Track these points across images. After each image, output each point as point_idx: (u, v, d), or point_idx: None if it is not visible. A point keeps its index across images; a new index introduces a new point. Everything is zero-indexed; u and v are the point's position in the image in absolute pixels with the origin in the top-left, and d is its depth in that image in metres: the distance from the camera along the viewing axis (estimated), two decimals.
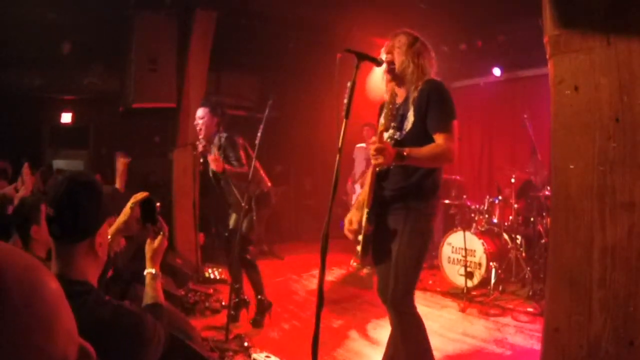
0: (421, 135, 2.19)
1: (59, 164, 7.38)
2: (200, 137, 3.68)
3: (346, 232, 2.41)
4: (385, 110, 2.36)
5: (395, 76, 2.31)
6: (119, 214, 1.65)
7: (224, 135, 3.65)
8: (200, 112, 3.66)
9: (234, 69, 7.78)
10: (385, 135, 2.32)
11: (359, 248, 2.31)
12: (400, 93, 2.36)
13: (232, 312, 3.49)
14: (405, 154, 2.03)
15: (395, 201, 2.30)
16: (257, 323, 3.65)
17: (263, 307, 3.70)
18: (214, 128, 3.66)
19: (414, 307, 2.27)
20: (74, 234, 1.25)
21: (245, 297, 3.82)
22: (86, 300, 1.18)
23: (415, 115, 2.23)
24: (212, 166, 3.44)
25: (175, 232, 5.38)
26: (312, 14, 5.50)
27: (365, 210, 2.30)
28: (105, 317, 1.18)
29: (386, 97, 2.39)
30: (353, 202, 5.00)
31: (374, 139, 2.04)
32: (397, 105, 2.35)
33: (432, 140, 2.17)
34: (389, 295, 2.26)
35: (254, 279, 3.74)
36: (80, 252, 1.25)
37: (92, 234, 1.27)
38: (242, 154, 3.62)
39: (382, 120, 2.32)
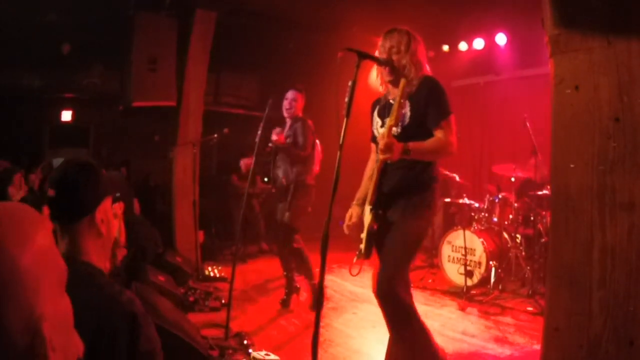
0: (418, 129, 2.26)
1: (59, 163, 7.39)
2: (286, 115, 4.06)
3: (345, 227, 2.42)
4: (378, 108, 2.39)
5: (393, 76, 2.33)
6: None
7: (301, 118, 4.02)
8: (292, 94, 4.05)
9: (233, 69, 7.79)
10: (382, 129, 2.33)
11: (362, 246, 2.32)
12: (395, 91, 2.38)
13: (285, 297, 4.04)
14: (409, 148, 2.09)
15: (393, 195, 2.33)
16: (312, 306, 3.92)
17: (315, 291, 3.91)
18: (300, 111, 4.07)
19: (398, 294, 2.18)
20: (72, 212, 1.28)
21: (296, 284, 4.17)
22: (88, 283, 1.16)
23: (412, 110, 2.27)
24: (274, 137, 3.81)
25: (175, 232, 5.38)
26: (312, 13, 5.50)
27: (369, 208, 2.30)
28: (103, 306, 1.13)
29: (382, 92, 2.45)
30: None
31: (383, 133, 2.08)
32: (392, 102, 2.37)
33: (428, 132, 2.24)
34: (376, 279, 2.22)
35: (303, 267, 4.02)
36: (82, 231, 1.28)
37: (92, 210, 1.30)
38: (310, 139, 3.93)
39: (390, 116, 2.33)
